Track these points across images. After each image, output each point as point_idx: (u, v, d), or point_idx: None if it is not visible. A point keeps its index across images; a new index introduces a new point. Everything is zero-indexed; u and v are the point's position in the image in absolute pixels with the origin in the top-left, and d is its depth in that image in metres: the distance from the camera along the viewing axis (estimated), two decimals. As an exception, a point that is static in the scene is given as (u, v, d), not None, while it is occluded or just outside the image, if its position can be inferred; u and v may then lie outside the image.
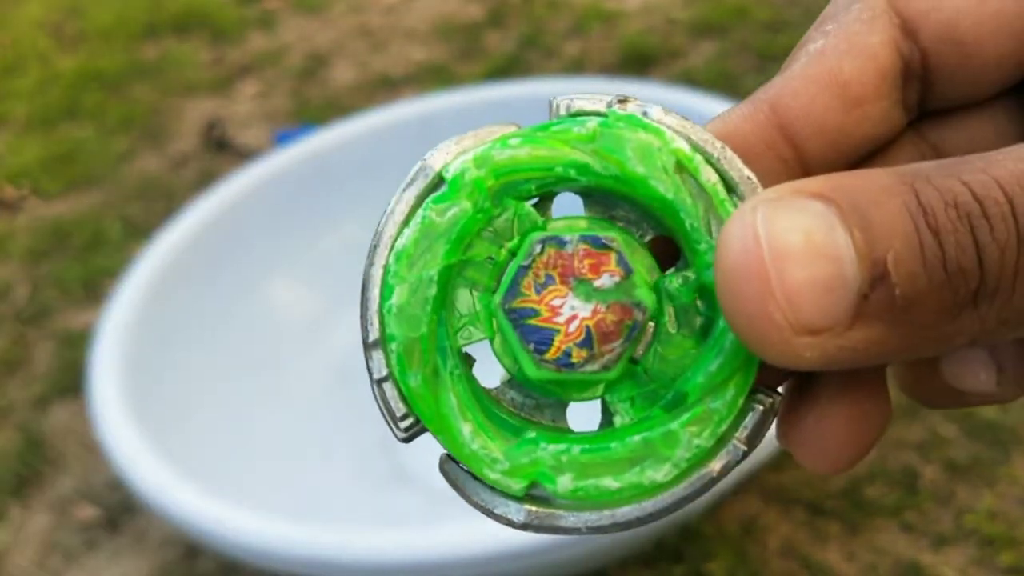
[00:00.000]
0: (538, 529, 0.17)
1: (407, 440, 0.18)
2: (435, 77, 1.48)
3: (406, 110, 1.10)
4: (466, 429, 0.17)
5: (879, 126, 0.18)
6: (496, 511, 0.17)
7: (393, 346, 0.17)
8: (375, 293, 0.17)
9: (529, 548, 0.64)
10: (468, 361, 0.18)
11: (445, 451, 0.18)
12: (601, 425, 0.18)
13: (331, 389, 0.95)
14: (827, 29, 0.18)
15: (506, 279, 0.17)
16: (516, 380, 0.18)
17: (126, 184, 1.40)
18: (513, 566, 0.66)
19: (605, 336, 0.17)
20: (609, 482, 0.17)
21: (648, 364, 0.18)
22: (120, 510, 0.92)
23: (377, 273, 0.18)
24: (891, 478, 0.82)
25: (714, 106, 0.90)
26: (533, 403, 0.18)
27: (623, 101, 0.18)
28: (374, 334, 0.17)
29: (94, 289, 1.19)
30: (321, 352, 0.98)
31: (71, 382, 1.05)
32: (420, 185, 0.18)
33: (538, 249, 0.17)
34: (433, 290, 0.17)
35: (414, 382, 0.17)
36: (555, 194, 0.18)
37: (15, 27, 1.90)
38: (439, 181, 0.18)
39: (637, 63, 1.42)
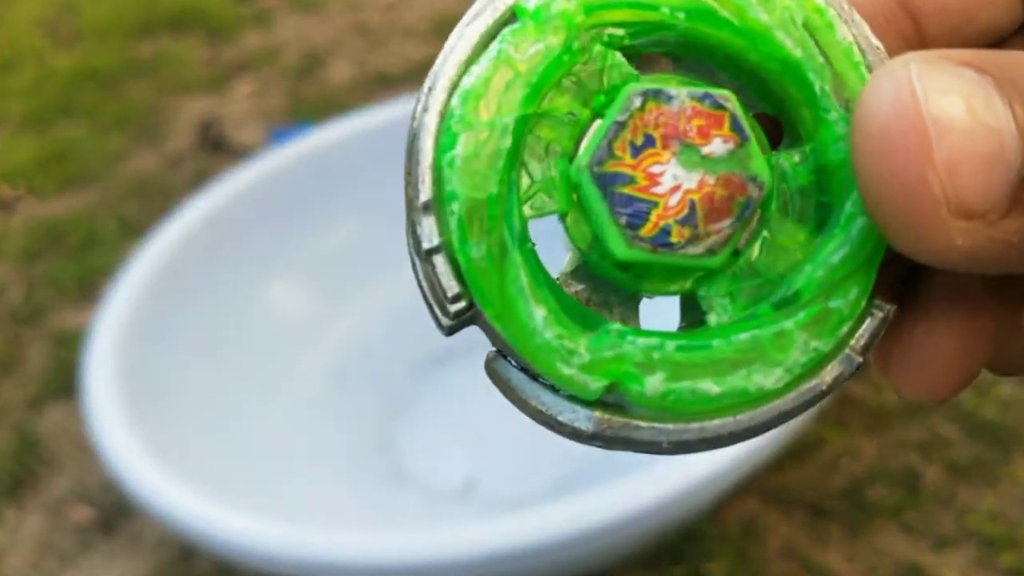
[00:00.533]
0: (610, 442, 0.14)
1: (452, 330, 0.15)
2: (432, 75, 1.48)
3: (404, 109, 1.09)
4: (539, 314, 0.14)
5: (1001, 17, 0.16)
6: (560, 418, 0.14)
7: (454, 206, 0.14)
8: (428, 144, 0.14)
9: (527, 549, 0.63)
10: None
11: (497, 347, 0.15)
12: (682, 328, 0.16)
13: (328, 389, 0.95)
14: None
15: (596, 136, 0.14)
16: (585, 268, 0.15)
17: (121, 183, 1.40)
18: (512, 567, 0.66)
19: (712, 213, 0.14)
20: (708, 386, 0.14)
21: (752, 255, 0.15)
22: (115, 511, 0.92)
23: (432, 120, 0.14)
24: (892, 479, 0.82)
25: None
26: (600, 298, 0.15)
27: None
28: (426, 194, 0.14)
29: (89, 289, 1.19)
30: (318, 352, 0.98)
31: (66, 382, 1.04)
32: (488, 20, 0.15)
33: (637, 103, 0.14)
34: (507, 142, 0.14)
35: (476, 253, 0.14)
36: (640, 53, 0.15)
37: (10, 25, 1.89)
38: (511, 17, 0.15)
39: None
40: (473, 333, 0.15)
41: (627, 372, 0.14)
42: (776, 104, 0.15)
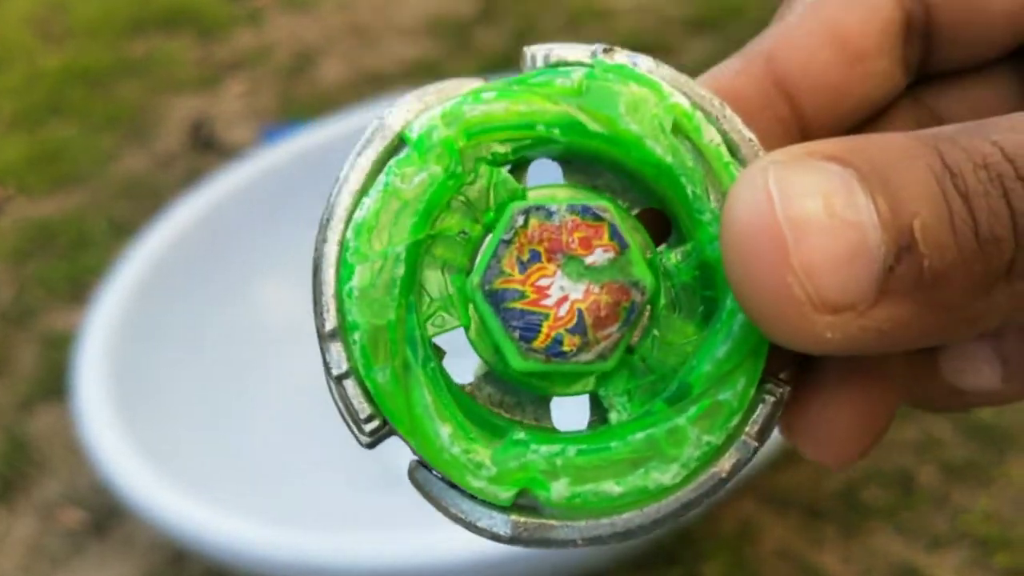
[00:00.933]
0: (527, 543, 0.15)
1: (371, 445, 0.16)
2: (426, 74, 1.47)
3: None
4: (444, 431, 0.15)
5: (880, 86, 0.17)
6: (479, 524, 0.15)
7: (356, 336, 0.15)
8: (330, 275, 0.15)
9: (522, 552, 0.63)
10: (439, 353, 0.16)
11: (416, 457, 0.16)
12: (591, 423, 0.17)
13: (320, 390, 0.93)
14: None
15: (484, 256, 0.15)
16: (495, 373, 0.16)
17: (112, 183, 1.39)
18: (507, 570, 0.66)
19: (600, 320, 0.15)
20: (610, 487, 0.15)
21: (645, 352, 0.16)
22: (106, 514, 0.91)
23: (332, 251, 0.15)
24: (886, 480, 0.82)
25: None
26: (513, 400, 0.16)
27: (608, 51, 0.16)
28: (331, 323, 0.15)
29: (80, 289, 1.18)
30: (310, 353, 0.96)
31: (56, 384, 1.03)
32: (378, 148, 0.15)
33: (520, 221, 0.15)
34: (401, 270, 0.15)
35: (381, 378, 0.15)
36: (529, 161, 0.16)
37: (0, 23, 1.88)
38: (400, 143, 0.15)
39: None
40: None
41: (533, 479, 0.15)
42: (659, 201, 0.16)
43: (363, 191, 0.15)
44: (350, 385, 0.15)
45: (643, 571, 0.78)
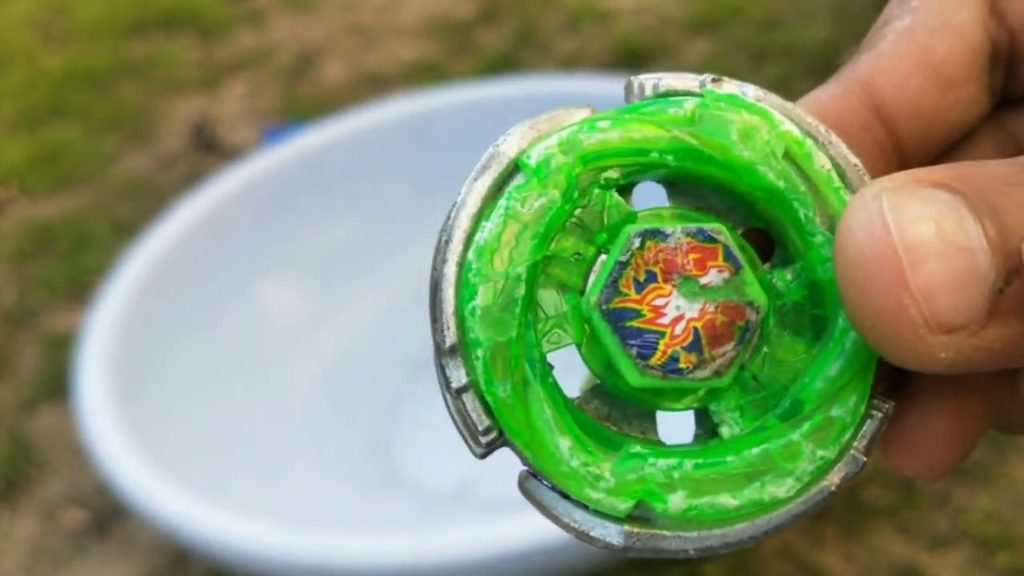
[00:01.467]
0: (640, 552, 0.16)
1: (484, 456, 0.16)
2: (427, 75, 1.48)
3: (398, 108, 1.09)
4: (564, 444, 0.16)
5: (968, 111, 0.17)
6: (592, 534, 0.16)
7: (479, 352, 0.16)
8: (450, 294, 0.16)
9: (521, 552, 0.63)
10: (551, 369, 0.17)
11: (527, 468, 0.16)
12: (697, 436, 0.17)
13: (321, 392, 0.94)
14: (912, 6, 0.17)
15: (601, 276, 0.16)
16: (604, 388, 0.17)
17: (114, 184, 1.39)
18: (507, 569, 0.66)
19: (716, 339, 0.15)
20: (726, 500, 0.16)
21: (756, 369, 0.16)
22: (109, 514, 0.91)
23: (451, 271, 0.16)
24: (888, 480, 0.82)
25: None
26: (620, 414, 0.17)
27: (716, 80, 0.16)
28: (451, 339, 0.16)
29: (81, 290, 1.18)
30: (311, 354, 0.97)
31: (58, 384, 1.04)
32: (494, 174, 0.16)
33: (637, 243, 0.15)
34: (521, 290, 0.16)
35: (502, 392, 0.16)
36: (635, 184, 0.17)
37: (1, 25, 1.88)
38: (515, 169, 0.16)
39: (631, 61, 1.41)
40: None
41: (650, 492, 0.16)
42: (766, 222, 0.16)
43: (481, 214, 0.16)
44: (469, 399, 0.16)
45: (643, 571, 0.78)
